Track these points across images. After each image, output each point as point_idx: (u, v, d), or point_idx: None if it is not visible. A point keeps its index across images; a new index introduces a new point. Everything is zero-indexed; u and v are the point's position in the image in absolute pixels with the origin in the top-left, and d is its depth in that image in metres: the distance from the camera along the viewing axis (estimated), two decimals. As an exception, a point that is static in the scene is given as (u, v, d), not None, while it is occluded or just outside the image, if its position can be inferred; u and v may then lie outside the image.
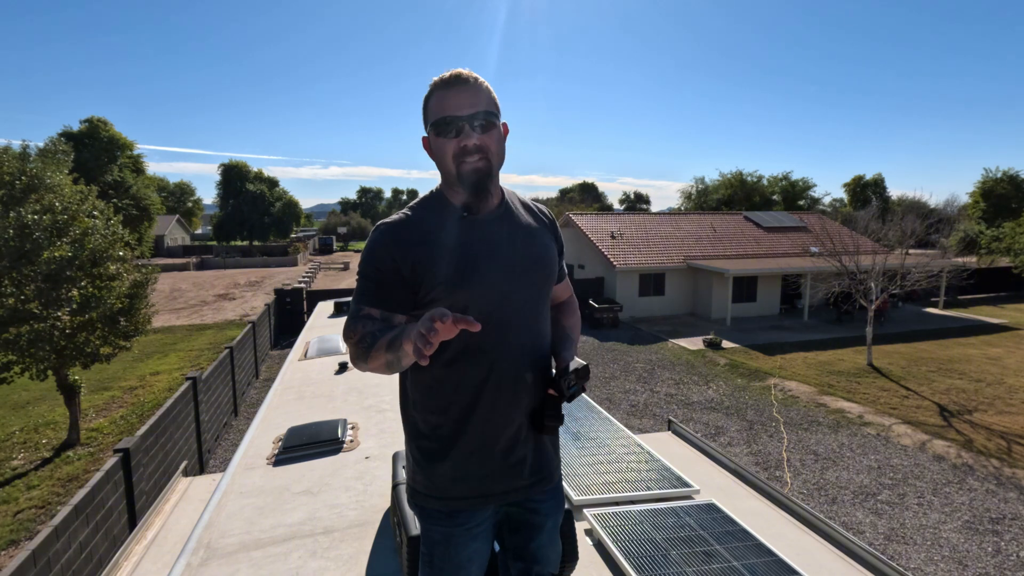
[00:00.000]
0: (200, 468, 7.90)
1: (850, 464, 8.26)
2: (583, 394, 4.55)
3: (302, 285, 21.27)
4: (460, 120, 1.41)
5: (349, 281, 30.59)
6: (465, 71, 1.45)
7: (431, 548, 1.59)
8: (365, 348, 1.35)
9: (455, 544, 1.57)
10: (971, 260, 26.46)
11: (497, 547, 1.75)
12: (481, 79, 1.46)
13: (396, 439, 3.38)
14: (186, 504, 3.38)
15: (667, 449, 3.72)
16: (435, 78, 1.46)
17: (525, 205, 1.66)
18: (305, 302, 17.66)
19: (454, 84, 1.43)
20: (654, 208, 74.72)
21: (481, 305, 1.45)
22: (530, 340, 1.54)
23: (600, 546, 2.49)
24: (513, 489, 1.57)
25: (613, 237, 20.86)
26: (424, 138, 1.53)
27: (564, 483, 2.98)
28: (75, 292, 8.14)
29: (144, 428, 6.03)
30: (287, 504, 2.71)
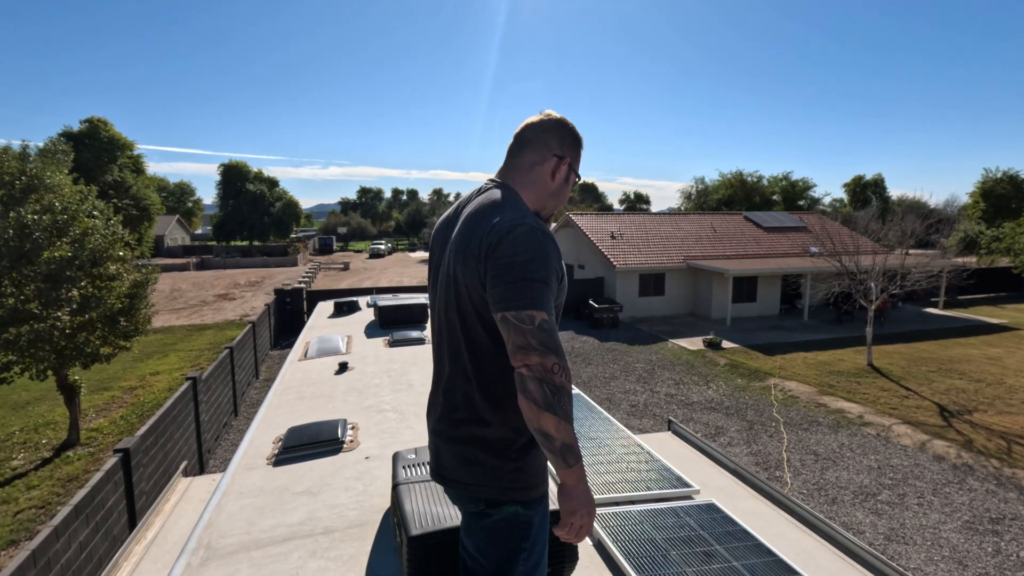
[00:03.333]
0: (200, 468, 7.90)
1: (850, 464, 8.26)
2: (583, 395, 4.58)
3: (302, 285, 21.25)
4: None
5: (349, 281, 30.59)
6: None
7: (534, 537, 1.62)
8: (570, 411, 1.41)
9: (544, 523, 1.66)
10: (971, 260, 26.45)
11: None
12: None
13: (396, 439, 3.38)
14: (186, 504, 3.38)
15: (667, 449, 3.72)
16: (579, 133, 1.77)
17: None
18: (305, 302, 17.67)
19: None
20: (654, 208, 74.80)
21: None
22: None
23: (600, 546, 2.49)
24: None
25: (613, 237, 20.86)
26: (567, 164, 1.72)
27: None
28: (75, 292, 8.14)
29: (144, 428, 6.03)
30: (287, 504, 2.71)
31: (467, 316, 1.57)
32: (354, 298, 8.28)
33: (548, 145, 1.66)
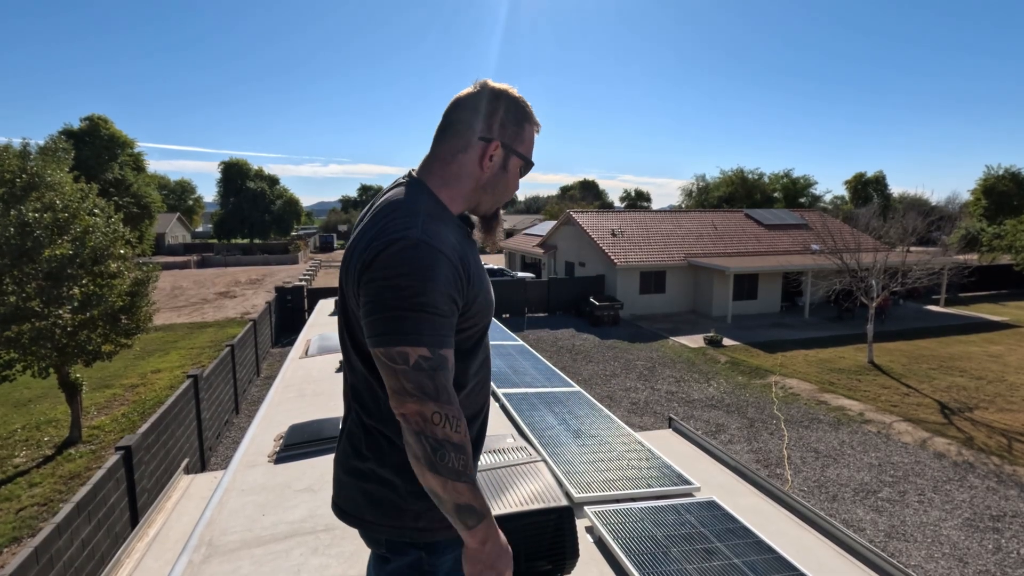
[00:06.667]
0: (201, 466, 7.92)
1: (851, 461, 8.26)
2: (584, 392, 4.58)
3: (303, 283, 21.27)
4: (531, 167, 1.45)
5: (350, 279, 30.55)
6: None
7: None
8: (460, 467, 1.14)
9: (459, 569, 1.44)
10: (972, 258, 26.42)
11: None
12: None
13: (397, 437, 3.39)
14: (188, 501, 3.39)
15: (668, 447, 3.73)
16: (531, 107, 1.41)
17: None
18: (306, 300, 17.69)
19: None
20: (655, 206, 74.65)
21: (486, 330, 1.44)
22: None
23: (601, 543, 2.49)
24: None
25: (614, 235, 20.84)
26: (502, 146, 1.36)
27: (565, 479, 2.99)
28: (76, 290, 8.15)
29: (146, 426, 6.04)
30: (288, 501, 2.71)
31: (347, 343, 1.35)
32: (355, 296, 8.27)
33: (473, 128, 1.33)
